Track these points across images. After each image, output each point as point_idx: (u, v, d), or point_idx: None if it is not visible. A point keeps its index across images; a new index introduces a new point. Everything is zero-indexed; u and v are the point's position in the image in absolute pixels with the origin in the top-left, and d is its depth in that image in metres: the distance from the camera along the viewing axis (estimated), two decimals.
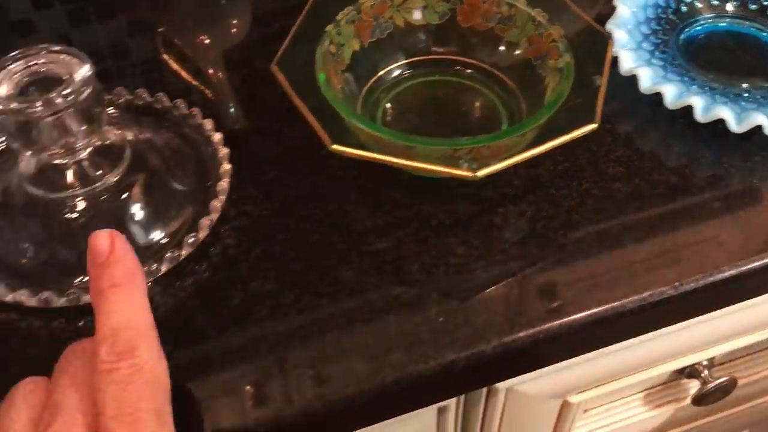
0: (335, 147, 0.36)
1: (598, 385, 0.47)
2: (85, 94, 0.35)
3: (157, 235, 0.39)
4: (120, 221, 0.39)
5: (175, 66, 0.54)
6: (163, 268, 0.37)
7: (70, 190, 0.38)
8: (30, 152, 0.36)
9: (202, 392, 0.34)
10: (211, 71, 0.53)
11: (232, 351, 0.35)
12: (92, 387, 0.28)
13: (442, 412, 0.43)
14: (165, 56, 0.54)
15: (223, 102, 0.49)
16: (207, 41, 0.57)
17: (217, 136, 0.42)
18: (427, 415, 0.43)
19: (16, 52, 0.35)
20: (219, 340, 0.35)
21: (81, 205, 0.39)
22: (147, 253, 0.38)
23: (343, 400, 0.34)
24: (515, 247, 0.39)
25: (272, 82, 0.48)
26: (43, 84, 0.35)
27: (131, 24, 0.56)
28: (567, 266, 0.38)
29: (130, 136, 0.40)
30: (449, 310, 0.36)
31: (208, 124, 0.42)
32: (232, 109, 0.49)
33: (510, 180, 0.42)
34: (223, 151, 0.41)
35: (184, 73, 0.53)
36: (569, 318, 0.36)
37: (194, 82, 0.51)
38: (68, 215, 0.38)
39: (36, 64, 0.35)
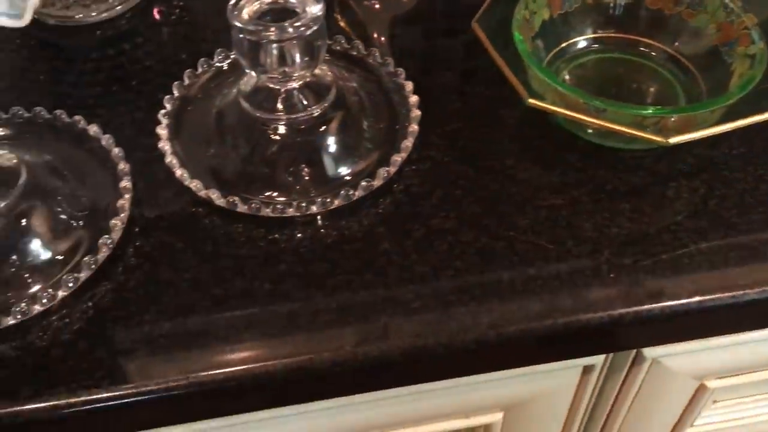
0: (532, 101, 0.39)
1: (738, 374, 0.48)
2: (312, 30, 0.38)
3: (344, 170, 0.42)
4: (314, 151, 0.43)
5: (344, 26, 0.57)
6: (357, 194, 0.40)
7: (276, 114, 0.42)
8: (253, 72, 0.40)
9: (381, 308, 0.37)
10: (375, 35, 0.56)
11: (414, 277, 0.38)
12: None
13: (587, 371, 0.44)
14: (337, 16, 0.57)
15: None
16: (377, 6, 0.60)
17: (409, 85, 0.45)
18: (571, 372, 0.44)
19: None
20: (403, 267, 0.38)
21: (282, 129, 0.42)
22: (335, 184, 0.41)
23: (514, 335, 0.36)
24: (687, 219, 0.40)
25: (449, 48, 0.51)
26: (279, 14, 0.39)
27: None
28: (738, 245, 0.39)
29: (335, 76, 0.43)
30: (620, 267, 0.38)
31: (401, 72, 0.45)
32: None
33: (684, 157, 0.43)
34: (414, 99, 0.44)
35: (351, 35, 0.56)
36: (740, 292, 0.37)
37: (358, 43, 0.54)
38: (271, 136, 0.42)
39: None
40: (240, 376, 0.35)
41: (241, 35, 0.38)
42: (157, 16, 0.54)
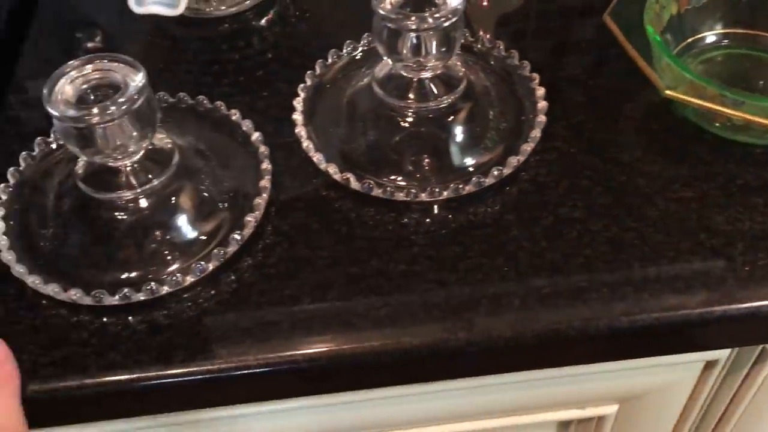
0: (669, 92, 0.39)
1: None
2: (450, 21, 0.39)
3: (469, 160, 0.43)
4: (441, 140, 0.44)
5: None
6: (488, 181, 0.41)
7: (407, 102, 0.43)
8: (389, 59, 0.42)
9: (513, 292, 0.37)
10: (481, 32, 0.57)
11: (544, 263, 0.39)
12: None
13: (709, 366, 0.44)
14: None
15: None
16: (485, 3, 0.61)
17: (535, 77, 0.45)
18: (693, 366, 0.44)
19: None
20: (533, 253, 0.39)
21: (411, 117, 0.44)
22: (460, 173, 0.42)
23: (648, 323, 0.36)
24: None
25: (567, 42, 0.51)
26: (419, 4, 0.40)
27: None
28: None
29: (465, 67, 0.44)
30: (755, 261, 0.38)
31: (526, 65, 0.46)
32: None
33: None
34: (541, 90, 0.45)
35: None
36: None
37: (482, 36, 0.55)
38: (400, 123, 0.44)
39: None
40: (379, 351, 0.36)
41: (382, 22, 0.40)
42: (281, 11, 0.56)
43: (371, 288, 0.38)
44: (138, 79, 0.36)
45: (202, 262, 0.38)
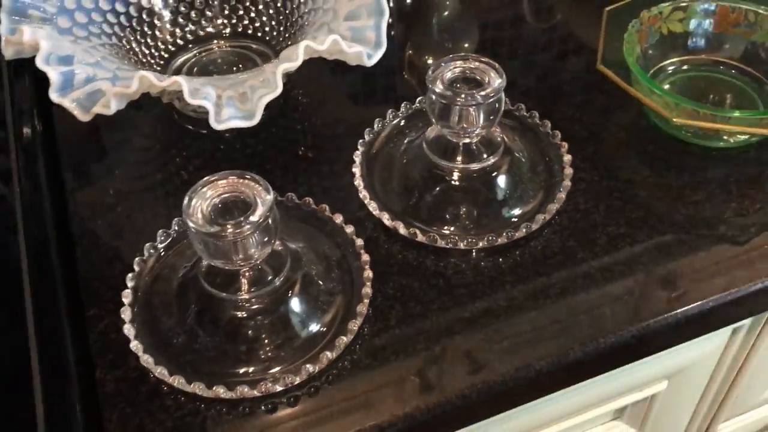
0: (678, 120, 0.48)
1: None
2: (494, 98, 0.46)
3: (523, 207, 0.50)
4: (493, 192, 0.51)
5: (412, 82, 0.65)
6: (547, 217, 0.48)
7: (454, 162, 0.50)
8: (438, 126, 0.48)
9: (600, 303, 0.45)
10: None
11: (614, 275, 0.46)
12: None
13: (735, 331, 0.54)
14: (407, 76, 0.66)
15: None
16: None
17: (547, 122, 0.53)
18: (721, 335, 0.54)
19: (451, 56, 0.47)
20: (602, 269, 0.47)
21: (456, 175, 0.50)
22: (521, 216, 0.49)
23: (707, 307, 0.45)
24: None
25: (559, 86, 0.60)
26: (466, 80, 0.47)
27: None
28: None
29: (502, 131, 0.52)
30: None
31: (535, 114, 0.54)
32: None
33: None
34: (558, 134, 0.53)
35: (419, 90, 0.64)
36: None
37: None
38: (447, 180, 0.50)
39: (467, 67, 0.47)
40: (516, 376, 0.42)
41: (435, 98, 0.46)
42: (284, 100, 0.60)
43: (485, 325, 0.44)
44: (268, 198, 0.40)
45: (342, 336, 0.42)
